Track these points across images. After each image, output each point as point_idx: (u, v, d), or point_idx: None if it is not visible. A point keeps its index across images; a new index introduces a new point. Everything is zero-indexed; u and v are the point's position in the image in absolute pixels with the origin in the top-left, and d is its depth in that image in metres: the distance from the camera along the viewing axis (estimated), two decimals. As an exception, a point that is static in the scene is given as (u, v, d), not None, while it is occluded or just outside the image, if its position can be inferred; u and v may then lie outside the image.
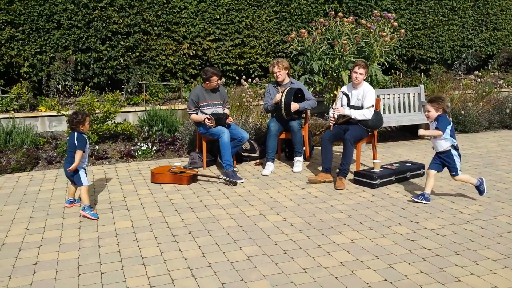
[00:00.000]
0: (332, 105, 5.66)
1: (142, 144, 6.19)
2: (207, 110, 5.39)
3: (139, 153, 6.06)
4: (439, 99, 4.20)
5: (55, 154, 5.83)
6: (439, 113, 4.16)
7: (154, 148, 6.18)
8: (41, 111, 6.99)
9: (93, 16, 7.61)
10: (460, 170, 4.23)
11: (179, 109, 7.40)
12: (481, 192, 4.31)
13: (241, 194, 4.59)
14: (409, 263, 3.06)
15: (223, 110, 5.50)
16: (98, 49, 7.74)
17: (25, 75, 7.49)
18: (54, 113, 6.87)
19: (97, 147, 6.17)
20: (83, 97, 6.39)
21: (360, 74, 5.00)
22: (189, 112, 5.48)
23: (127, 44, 7.88)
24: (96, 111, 6.37)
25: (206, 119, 5.22)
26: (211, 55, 8.48)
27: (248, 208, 4.16)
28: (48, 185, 4.93)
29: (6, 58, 7.32)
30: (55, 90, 7.42)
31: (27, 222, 3.85)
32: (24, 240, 3.47)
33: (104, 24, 7.70)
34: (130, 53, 7.98)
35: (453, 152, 4.19)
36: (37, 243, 3.43)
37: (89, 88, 7.02)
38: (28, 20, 7.36)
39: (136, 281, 2.85)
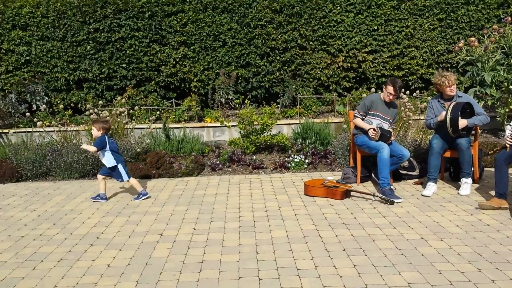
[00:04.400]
0: (509, 122, 4.97)
1: (295, 156, 6.32)
2: (374, 121, 5.19)
3: (292, 164, 6.19)
4: None
5: (218, 162, 6.32)
6: None
7: (307, 160, 6.25)
8: (207, 122, 7.68)
9: (254, 34, 8.10)
10: None
11: (332, 123, 7.38)
12: None
13: (398, 214, 4.32)
14: None
15: (388, 127, 5.23)
16: (257, 64, 8.21)
17: (194, 89, 8.33)
18: (218, 124, 7.49)
19: (254, 157, 6.50)
20: (243, 110, 6.82)
21: None
22: (355, 115, 5.29)
23: (284, 58, 8.19)
24: (254, 123, 6.72)
25: (372, 130, 5.03)
26: (366, 67, 8.29)
27: (407, 231, 3.88)
28: (212, 190, 5.35)
29: (180, 74, 8.24)
30: (219, 103, 8.08)
31: (194, 222, 4.22)
32: (192, 239, 3.80)
33: (263, 41, 8.14)
34: (286, 67, 8.27)
35: None
36: (203, 243, 3.71)
37: (248, 101, 7.47)
38: (198, 40, 8.18)
39: (292, 293, 2.86)
